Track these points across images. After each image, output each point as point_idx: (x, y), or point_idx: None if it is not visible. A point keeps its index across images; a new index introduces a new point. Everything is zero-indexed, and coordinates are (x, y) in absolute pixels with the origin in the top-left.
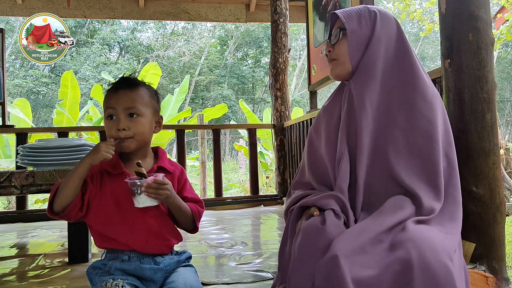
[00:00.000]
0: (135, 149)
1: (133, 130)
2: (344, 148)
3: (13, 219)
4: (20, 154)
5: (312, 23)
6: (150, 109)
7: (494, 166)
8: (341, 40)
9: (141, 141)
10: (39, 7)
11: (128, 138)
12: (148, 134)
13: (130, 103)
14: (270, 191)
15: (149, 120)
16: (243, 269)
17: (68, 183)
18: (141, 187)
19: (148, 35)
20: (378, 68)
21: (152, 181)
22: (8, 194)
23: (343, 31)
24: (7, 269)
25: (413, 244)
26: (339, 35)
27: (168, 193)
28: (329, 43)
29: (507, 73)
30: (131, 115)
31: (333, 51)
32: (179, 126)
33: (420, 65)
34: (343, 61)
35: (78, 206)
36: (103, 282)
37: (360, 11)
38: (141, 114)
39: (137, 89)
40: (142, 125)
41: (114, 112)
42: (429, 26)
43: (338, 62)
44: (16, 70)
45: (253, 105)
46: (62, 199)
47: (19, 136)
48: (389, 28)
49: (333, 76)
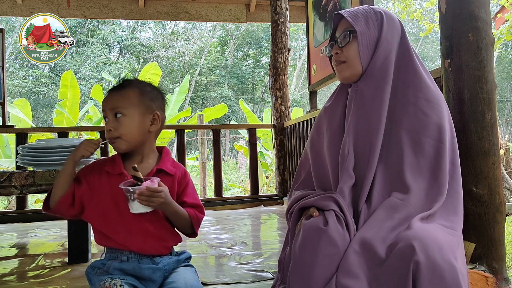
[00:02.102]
0: (126, 149)
1: (119, 130)
2: (349, 149)
3: (13, 219)
4: (20, 154)
5: (312, 23)
6: (139, 108)
7: (494, 166)
8: (351, 42)
9: (131, 141)
10: (39, 7)
11: (116, 138)
12: (138, 134)
13: (114, 103)
14: (270, 191)
15: (137, 120)
16: (243, 269)
17: (57, 179)
18: (133, 194)
19: (148, 35)
20: (387, 70)
21: (145, 188)
22: (8, 194)
23: (352, 34)
24: (7, 269)
25: (420, 243)
26: (349, 37)
27: (162, 200)
28: (336, 45)
29: (507, 73)
30: (116, 116)
31: (342, 54)
32: (179, 126)
33: (422, 65)
34: (353, 64)
35: (68, 202)
36: (101, 282)
37: (366, 12)
38: (125, 114)
39: (124, 90)
40: (127, 125)
41: (105, 114)
42: (429, 26)
43: (347, 65)
44: (16, 70)
45: (253, 105)
46: (53, 195)
47: (19, 136)
48: (395, 29)
49: (341, 78)
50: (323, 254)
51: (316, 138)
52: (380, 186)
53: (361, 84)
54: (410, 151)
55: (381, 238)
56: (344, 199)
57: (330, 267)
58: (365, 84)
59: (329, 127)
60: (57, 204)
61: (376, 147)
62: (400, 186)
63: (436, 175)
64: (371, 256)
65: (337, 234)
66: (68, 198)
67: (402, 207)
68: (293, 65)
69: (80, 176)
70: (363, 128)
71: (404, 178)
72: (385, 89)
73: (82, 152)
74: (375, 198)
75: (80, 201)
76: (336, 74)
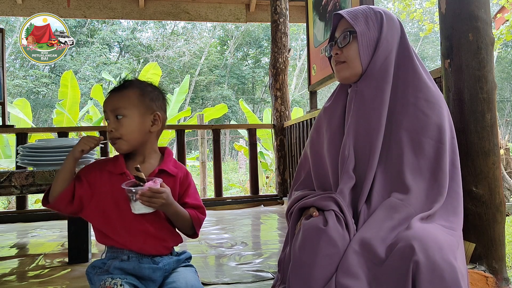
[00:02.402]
0: (127, 150)
1: (120, 131)
2: (349, 151)
3: (13, 219)
4: (20, 154)
5: (312, 23)
6: (139, 108)
7: (494, 166)
8: (351, 42)
9: (132, 142)
10: (39, 7)
11: (116, 139)
12: (139, 134)
13: (115, 104)
14: (270, 191)
15: (137, 121)
16: (243, 269)
17: (57, 175)
18: (136, 195)
19: (148, 35)
20: (387, 70)
21: (147, 189)
22: (8, 194)
23: (352, 34)
24: (7, 269)
25: (419, 243)
26: (349, 37)
27: (163, 201)
28: (335, 45)
29: (507, 73)
30: (117, 117)
31: (341, 54)
32: (179, 126)
33: (422, 65)
34: (353, 64)
35: (68, 199)
36: (101, 281)
37: (366, 13)
38: (126, 115)
39: (124, 91)
40: (128, 126)
41: (106, 115)
42: (429, 26)
43: (347, 65)
44: (16, 70)
45: (253, 105)
46: (52, 190)
47: (19, 136)
48: (394, 29)
49: (340, 78)
50: (323, 254)
51: (316, 138)
52: (380, 186)
53: (361, 84)
54: (410, 151)
55: (380, 238)
56: (344, 199)
57: (329, 267)
58: (365, 84)
59: (328, 127)
60: (56, 200)
61: (376, 148)
62: (400, 186)
63: (436, 176)
64: (370, 256)
65: (337, 234)
66: (67, 195)
67: (402, 207)
68: (293, 65)
69: (81, 174)
70: (363, 129)
71: (404, 178)
72: (385, 89)
73: (82, 147)
74: (375, 199)
75: (79, 199)
76: (336, 75)
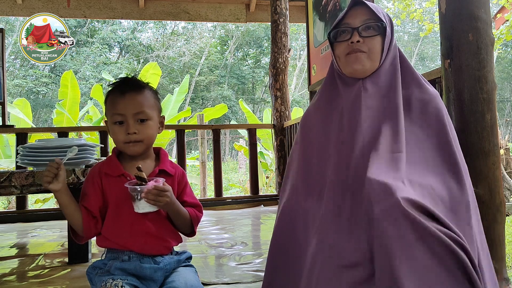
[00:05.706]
0: (141, 152)
1: (143, 134)
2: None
3: (13, 219)
4: (20, 154)
5: (312, 23)
6: (156, 110)
7: (494, 166)
8: (376, 35)
9: (150, 144)
10: (39, 7)
11: (138, 142)
12: (155, 137)
13: (139, 108)
14: (270, 191)
15: (156, 122)
16: (243, 269)
17: (64, 212)
18: (141, 193)
19: (148, 35)
20: (397, 67)
21: (153, 187)
22: (8, 194)
23: (379, 27)
24: (7, 269)
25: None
26: (378, 30)
27: (168, 200)
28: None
29: (507, 73)
30: (141, 120)
31: (363, 43)
32: (179, 126)
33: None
34: (374, 57)
35: (93, 223)
36: (102, 282)
37: (382, 11)
38: (150, 117)
39: (144, 92)
40: (151, 128)
41: (123, 118)
42: (429, 26)
43: (368, 57)
44: (16, 70)
45: (253, 105)
46: (73, 226)
47: (19, 136)
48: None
49: (354, 69)
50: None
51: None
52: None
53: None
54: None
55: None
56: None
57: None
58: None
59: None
60: (85, 232)
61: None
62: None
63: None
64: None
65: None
66: (88, 220)
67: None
68: (293, 65)
69: (86, 191)
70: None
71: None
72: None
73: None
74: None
75: (99, 212)
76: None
